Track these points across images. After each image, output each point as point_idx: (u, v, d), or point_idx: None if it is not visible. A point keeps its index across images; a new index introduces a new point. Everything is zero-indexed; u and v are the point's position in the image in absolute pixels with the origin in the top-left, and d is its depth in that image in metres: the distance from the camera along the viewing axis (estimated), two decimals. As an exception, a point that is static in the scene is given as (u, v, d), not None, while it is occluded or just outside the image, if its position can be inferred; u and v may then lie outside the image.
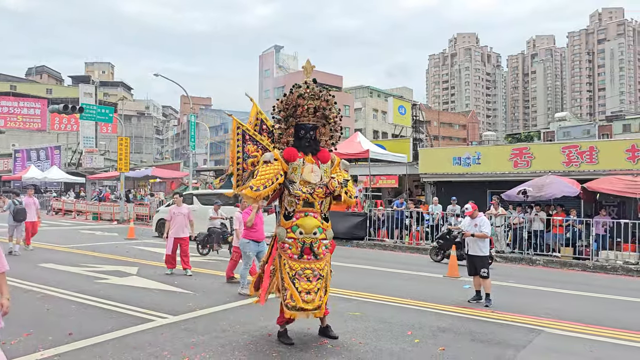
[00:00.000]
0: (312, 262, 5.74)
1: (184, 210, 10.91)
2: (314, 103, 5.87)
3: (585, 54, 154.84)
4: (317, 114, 5.95)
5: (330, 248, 5.97)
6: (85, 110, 25.49)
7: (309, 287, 5.68)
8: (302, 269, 5.71)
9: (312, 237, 5.74)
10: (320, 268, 5.76)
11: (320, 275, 5.75)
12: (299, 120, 5.98)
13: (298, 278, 5.69)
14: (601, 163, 16.84)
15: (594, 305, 8.85)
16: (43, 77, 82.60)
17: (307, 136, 5.96)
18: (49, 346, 5.55)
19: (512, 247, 15.49)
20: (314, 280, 5.70)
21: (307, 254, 5.74)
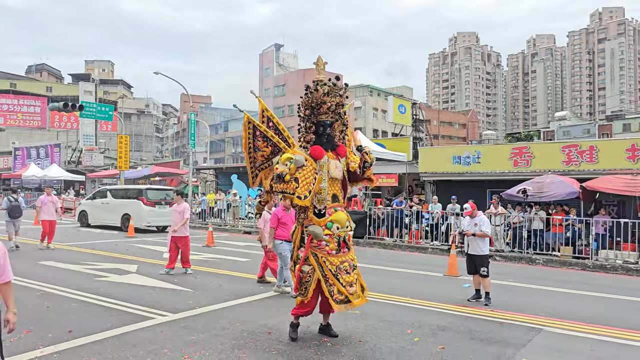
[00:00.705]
0: (346, 254, 5.91)
1: (179, 209, 10.63)
2: (335, 100, 5.99)
3: (585, 53, 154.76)
4: (335, 110, 6.05)
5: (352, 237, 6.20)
6: (85, 108, 25.49)
7: (350, 279, 5.84)
8: (341, 262, 5.83)
9: (345, 230, 5.91)
10: (352, 258, 5.97)
11: (354, 266, 5.95)
12: (319, 117, 6.03)
13: (340, 272, 5.79)
14: (601, 162, 16.85)
15: (593, 304, 8.86)
16: (43, 75, 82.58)
17: (325, 133, 6.03)
18: (49, 343, 5.56)
19: (511, 246, 15.49)
20: (351, 272, 5.88)
21: (343, 248, 5.90)
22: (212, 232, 16.19)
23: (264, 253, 9.60)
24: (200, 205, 25.23)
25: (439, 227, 16.89)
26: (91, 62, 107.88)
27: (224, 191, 26.36)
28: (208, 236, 15.86)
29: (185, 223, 10.56)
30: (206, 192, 30.94)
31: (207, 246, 15.35)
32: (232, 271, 10.82)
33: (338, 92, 6.01)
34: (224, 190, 26.98)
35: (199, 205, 25.36)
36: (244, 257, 13.33)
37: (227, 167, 37.26)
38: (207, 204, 24.59)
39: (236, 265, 11.71)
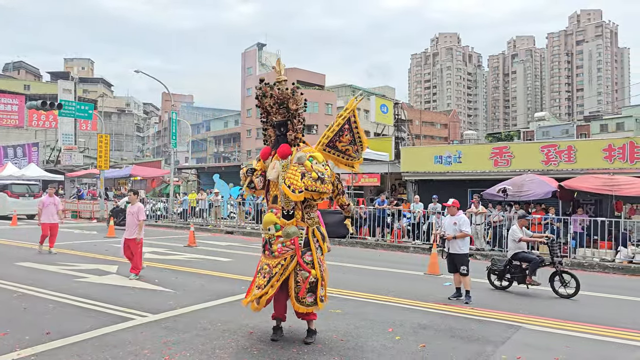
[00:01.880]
0: (269, 258, 5.84)
1: (133, 210, 9.99)
2: (268, 101, 5.95)
3: (564, 54, 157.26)
4: (278, 109, 5.95)
5: (288, 247, 5.75)
6: (64, 106, 25.12)
7: (261, 282, 5.79)
8: (264, 263, 5.90)
9: (268, 233, 5.89)
10: (273, 265, 5.74)
11: (270, 273, 5.73)
12: (273, 119, 6.07)
13: (260, 272, 5.88)
14: (579, 162, 17.15)
15: (571, 301, 9.00)
16: (21, 73, 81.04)
17: (277, 133, 6.03)
18: (26, 345, 5.46)
19: (492, 245, 15.66)
20: (266, 276, 5.76)
21: (267, 250, 5.90)
22: (194, 232, 16.08)
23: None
24: (182, 205, 25.05)
25: (421, 226, 17.01)
26: (70, 60, 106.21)
27: (206, 191, 26.19)
28: (190, 236, 15.74)
29: (141, 226, 9.91)
30: (188, 192, 30.72)
31: (189, 246, 15.24)
32: (214, 271, 10.76)
33: (266, 93, 5.92)
34: (205, 190, 26.82)
35: (181, 205, 25.17)
36: (225, 257, 13.27)
37: (209, 167, 37.04)
38: (188, 204, 24.42)
39: (218, 266, 11.65)
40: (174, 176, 29.09)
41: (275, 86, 5.90)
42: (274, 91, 5.88)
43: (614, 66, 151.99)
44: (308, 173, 5.60)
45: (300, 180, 5.56)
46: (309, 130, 50.27)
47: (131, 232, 9.82)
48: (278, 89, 5.87)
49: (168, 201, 25.86)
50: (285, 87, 5.88)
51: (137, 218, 9.83)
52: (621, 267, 13.13)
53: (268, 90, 5.92)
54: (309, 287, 5.73)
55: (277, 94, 5.86)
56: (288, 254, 5.75)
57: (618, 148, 16.67)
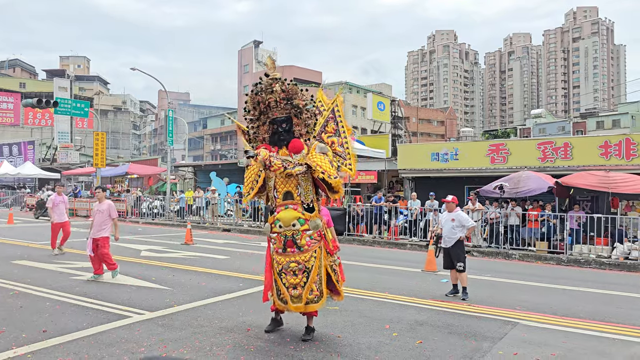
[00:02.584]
0: (296, 255, 5.71)
1: (103, 207, 9.51)
2: (272, 96, 5.83)
3: (560, 52, 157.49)
4: (283, 105, 5.87)
5: (316, 239, 5.80)
6: (60, 104, 24.99)
7: (296, 282, 5.69)
8: (289, 262, 5.72)
9: (292, 229, 5.71)
10: (305, 260, 5.70)
11: (306, 268, 5.69)
12: (272, 115, 5.95)
13: (285, 272, 5.72)
14: (575, 159, 17.20)
15: (567, 297, 9.03)
16: (16, 71, 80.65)
17: (279, 130, 5.94)
18: (23, 344, 5.45)
19: (488, 242, 15.70)
20: (299, 274, 5.68)
21: (290, 247, 5.71)
22: (191, 230, 16.05)
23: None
24: (179, 202, 25.02)
25: (418, 223, 17.03)
26: (66, 58, 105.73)
27: (203, 189, 26.15)
28: (186, 234, 15.72)
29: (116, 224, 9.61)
30: (184, 190, 30.68)
31: (186, 244, 15.22)
32: (211, 269, 10.74)
33: (269, 89, 5.83)
34: (202, 188, 26.78)
35: (177, 203, 25.15)
36: (223, 254, 13.25)
37: (205, 165, 36.99)
38: (185, 202, 24.39)
39: (215, 263, 11.63)
40: (171, 174, 29.05)
41: (286, 81, 5.88)
42: (284, 86, 5.82)
43: (610, 63, 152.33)
44: (331, 162, 5.82)
45: (332, 167, 5.71)
46: (306, 128, 50.18)
47: (99, 231, 9.35)
48: (288, 84, 5.85)
49: (165, 199, 25.82)
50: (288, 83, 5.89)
51: (110, 216, 9.49)
52: (617, 264, 13.18)
53: (279, 85, 5.80)
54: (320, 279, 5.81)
55: (287, 89, 5.82)
56: (316, 245, 5.79)
57: (614, 145, 16.72)
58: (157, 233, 18.82)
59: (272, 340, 5.83)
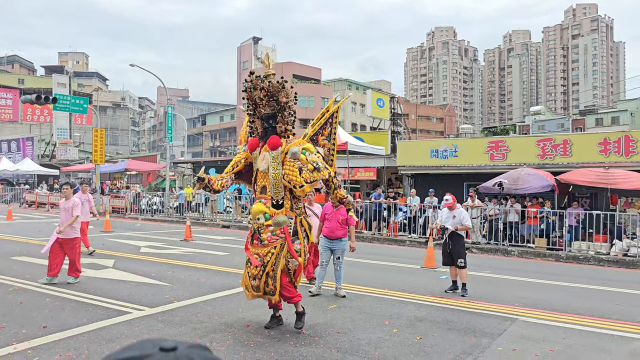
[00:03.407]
0: (258, 247, 5.93)
1: (68, 205, 8.78)
2: (258, 93, 6.04)
3: (560, 48, 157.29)
4: (268, 102, 6.06)
5: (278, 235, 5.86)
6: (59, 100, 24.95)
7: (254, 273, 5.88)
8: (252, 253, 5.97)
9: (257, 222, 5.95)
10: (264, 254, 5.86)
11: (263, 262, 5.83)
12: (261, 111, 6.17)
13: (250, 262, 5.96)
14: (574, 156, 17.20)
15: (566, 294, 9.05)
16: (15, 67, 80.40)
17: (265, 125, 6.14)
18: (23, 339, 5.45)
19: (487, 239, 15.72)
20: (259, 266, 5.84)
21: (255, 239, 5.98)
22: (190, 226, 16.05)
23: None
24: (178, 199, 25.01)
25: (417, 219, 17.04)
26: (65, 54, 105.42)
27: (202, 185, 26.09)
28: (186, 230, 15.72)
29: (74, 222, 8.74)
30: (184, 186, 30.66)
31: (185, 240, 15.22)
32: (211, 265, 10.75)
33: (256, 86, 6.02)
34: (201, 184, 26.70)
35: (177, 199, 25.14)
36: (222, 251, 13.26)
37: (204, 161, 36.97)
38: (184, 198, 24.38)
39: (214, 259, 11.64)
40: (170, 170, 29.01)
41: (266, 79, 6.02)
42: (264, 84, 5.99)
43: (610, 60, 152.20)
44: (304, 166, 5.84)
45: (300, 176, 5.77)
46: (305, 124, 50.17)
47: (67, 231, 8.64)
48: (269, 82, 5.99)
49: (164, 195, 25.81)
50: (276, 80, 6.02)
51: (72, 213, 8.69)
52: (616, 260, 13.20)
53: (259, 83, 6.01)
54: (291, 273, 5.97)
55: (267, 87, 5.97)
56: (278, 242, 5.88)
57: (613, 142, 16.72)
58: (156, 229, 18.82)
59: (272, 336, 5.84)
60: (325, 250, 8.32)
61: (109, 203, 25.75)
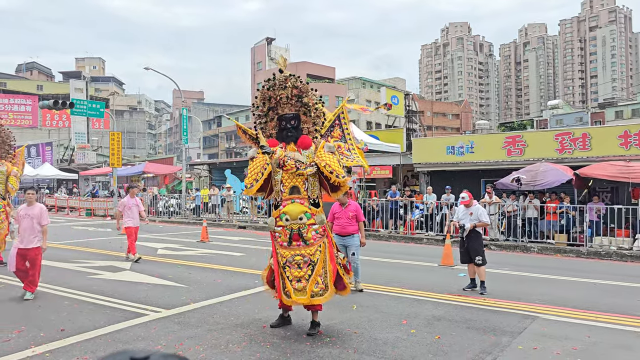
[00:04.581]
0: (302, 248, 5.77)
1: (34, 212, 7.81)
2: (284, 92, 5.93)
3: (577, 41, 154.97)
4: (293, 102, 5.98)
5: (321, 233, 5.89)
6: (76, 105, 25.23)
7: (300, 275, 5.74)
8: (292, 255, 5.77)
9: (298, 222, 5.77)
10: (311, 254, 5.76)
11: (311, 261, 5.75)
12: (280, 112, 6.05)
13: (289, 266, 5.77)
14: (594, 150, 16.88)
15: (588, 291, 8.87)
16: (33, 74, 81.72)
17: (287, 126, 6.01)
18: (41, 342, 5.49)
19: (506, 235, 15.50)
20: (304, 267, 5.74)
21: (295, 240, 5.77)
22: (207, 228, 16.11)
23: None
24: (195, 200, 25.15)
25: (434, 217, 16.88)
26: (82, 60, 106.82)
27: (218, 186, 26.26)
28: (202, 231, 15.79)
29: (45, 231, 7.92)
30: (200, 188, 30.83)
31: (202, 241, 15.28)
32: (227, 266, 10.76)
33: (283, 85, 5.92)
34: (217, 186, 26.88)
35: (193, 201, 25.29)
36: (238, 251, 13.27)
37: (220, 163, 37.15)
38: (201, 200, 24.51)
39: (231, 260, 11.65)
40: (186, 172, 29.21)
41: (299, 79, 5.98)
42: (297, 83, 5.93)
43: (629, 52, 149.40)
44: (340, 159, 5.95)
45: (340, 166, 5.81)
46: (320, 124, 50.13)
47: (29, 241, 7.71)
48: (301, 82, 5.96)
49: (181, 197, 25.98)
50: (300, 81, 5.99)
51: (40, 223, 7.81)
52: (639, 255, 12.91)
53: (292, 82, 5.90)
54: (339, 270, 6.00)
55: (299, 86, 5.93)
56: (321, 240, 5.87)
57: (634, 134, 16.36)
58: (173, 231, 18.93)
59: (288, 336, 5.80)
60: (341, 247, 8.31)
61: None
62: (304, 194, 5.86)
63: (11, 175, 11.17)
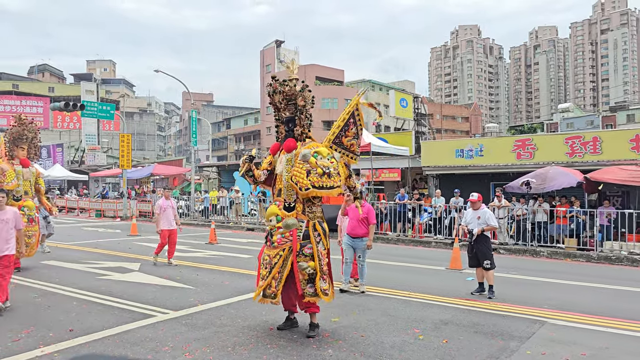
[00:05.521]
0: (269, 249, 5.93)
1: (7, 215, 7.07)
2: (277, 97, 6.17)
3: (588, 44, 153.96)
4: (287, 106, 6.15)
5: (287, 237, 5.81)
6: (87, 107, 25.47)
7: (263, 274, 5.91)
8: (264, 254, 6.00)
9: (269, 224, 6.00)
10: (272, 256, 5.86)
11: (270, 263, 5.84)
12: (283, 115, 6.25)
13: (262, 263, 5.98)
14: (605, 153, 16.73)
15: (598, 296, 8.79)
16: (45, 76, 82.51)
17: (286, 129, 6.20)
18: (50, 342, 5.53)
19: (515, 239, 15.40)
20: (267, 267, 5.86)
21: (268, 240, 5.99)
22: (215, 230, 16.17)
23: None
24: (203, 202, 25.24)
25: (442, 220, 16.82)
26: (93, 62, 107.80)
27: (227, 188, 26.34)
28: (210, 233, 15.84)
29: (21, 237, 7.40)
30: (209, 190, 30.95)
31: (210, 243, 15.33)
32: (235, 268, 10.78)
33: (276, 89, 6.13)
34: (226, 188, 26.96)
35: (202, 203, 25.38)
36: (246, 254, 13.30)
37: (229, 165, 37.25)
38: (209, 202, 24.60)
39: (238, 262, 11.68)
40: (195, 174, 29.34)
41: (285, 83, 6.09)
42: (283, 88, 6.10)
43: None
44: (313, 169, 5.73)
45: (306, 178, 5.69)
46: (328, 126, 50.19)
47: (6, 247, 6.98)
48: (287, 86, 6.07)
49: (189, 199, 26.09)
50: (294, 84, 6.07)
51: (16, 227, 7.15)
52: (650, 260, 12.77)
53: (278, 87, 6.13)
54: (308, 278, 5.83)
55: (285, 91, 6.09)
56: (287, 245, 5.84)
57: (646, 138, 16.20)
58: (181, 233, 18.97)
59: (295, 339, 5.80)
60: (348, 247, 8.64)
61: (136, 207, 26.15)
62: (282, 197, 6.00)
63: (39, 176, 11.26)
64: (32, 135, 10.97)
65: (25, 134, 10.79)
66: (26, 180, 10.59)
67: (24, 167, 10.62)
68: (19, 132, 10.74)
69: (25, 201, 10.41)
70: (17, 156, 10.63)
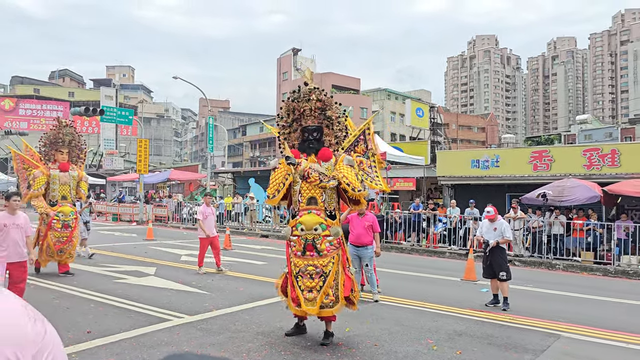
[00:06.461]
0: (315, 259, 5.83)
1: (19, 221, 6.86)
2: (308, 105, 6.04)
3: (607, 55, 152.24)
4: (317, 115, 6.08)
5: (335, 245, 5.93)
6: (106, 112, 25.87)
7: (312, 285, 5.81)
8: (305, 265, 5.84)
9: (313, 233, 5.84)
10: (324, 265, 5.82)
11: (323, 273, 5.81)
12: (304, 123, 6.15)
13: (301, 275, 5.86)
14: (624, 166, 16.53)
15: (614, 310, 8.68)
16: (65, 81, 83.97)
17: (310, 138, 6.13)
18: (68, 344, 5.64)
19: (531, 251, 15.27)
20: (316, 278, 5.80)
21: (309, 251, 5.85)
22: (230, 236, 16.28)
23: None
24: (218, 208, 25.40)
25: (457, 231, 16.74)
26: (112, 68, 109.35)
27: (242, 195, 26.49)
28: (225, 239, 15.95)
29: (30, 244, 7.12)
30: (224, 196, 31.15)
31: (225, 249, 15.42)
32: (249, 274, 10.86)
33: (307, 97, 6.06)
34: (241, 194, 27.13)
35: (217, 209, 25.54)
36: (260, 260, 13.37)
37: (244, 171, 37.48)
38: (224, 208, 24.76)
39: (253, 269, 11.75)
40: (211, 180, 29.57)
41: (324, 92, 6.12)
42: (321, 96, 6.07)
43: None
44: (358, 174, 5.98)
45: (358, 180, 5.87)
46: (344, 135, 50.08)
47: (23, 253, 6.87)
48: (325, 95, 6.09)
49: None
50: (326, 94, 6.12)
51: (26, 233, 6.97)
52: (669, 276, 12.58)
53: (316, 95, 6.04)
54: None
55: (323, 99, 6.06)
56: (335, 252, 5.90)
57: (665, 151, 16.00)
58: (197, 238, 19.11)
59: (308, 346, 5.84)
60: (354, 257, 8.52)
61: (152, 212, 26.42)
62: (321, 205, 5.96)
63: (82, 180, 11.01)
64: (69, 138, 10.78)
65: (61, 137, 10.64)
66: (64, 185, 10.39)
67: (62, 172, 10.43)
68: (55, 136, 10.66)
69: (62, 206, 10.22)
70: (57, 160, 10.48)
